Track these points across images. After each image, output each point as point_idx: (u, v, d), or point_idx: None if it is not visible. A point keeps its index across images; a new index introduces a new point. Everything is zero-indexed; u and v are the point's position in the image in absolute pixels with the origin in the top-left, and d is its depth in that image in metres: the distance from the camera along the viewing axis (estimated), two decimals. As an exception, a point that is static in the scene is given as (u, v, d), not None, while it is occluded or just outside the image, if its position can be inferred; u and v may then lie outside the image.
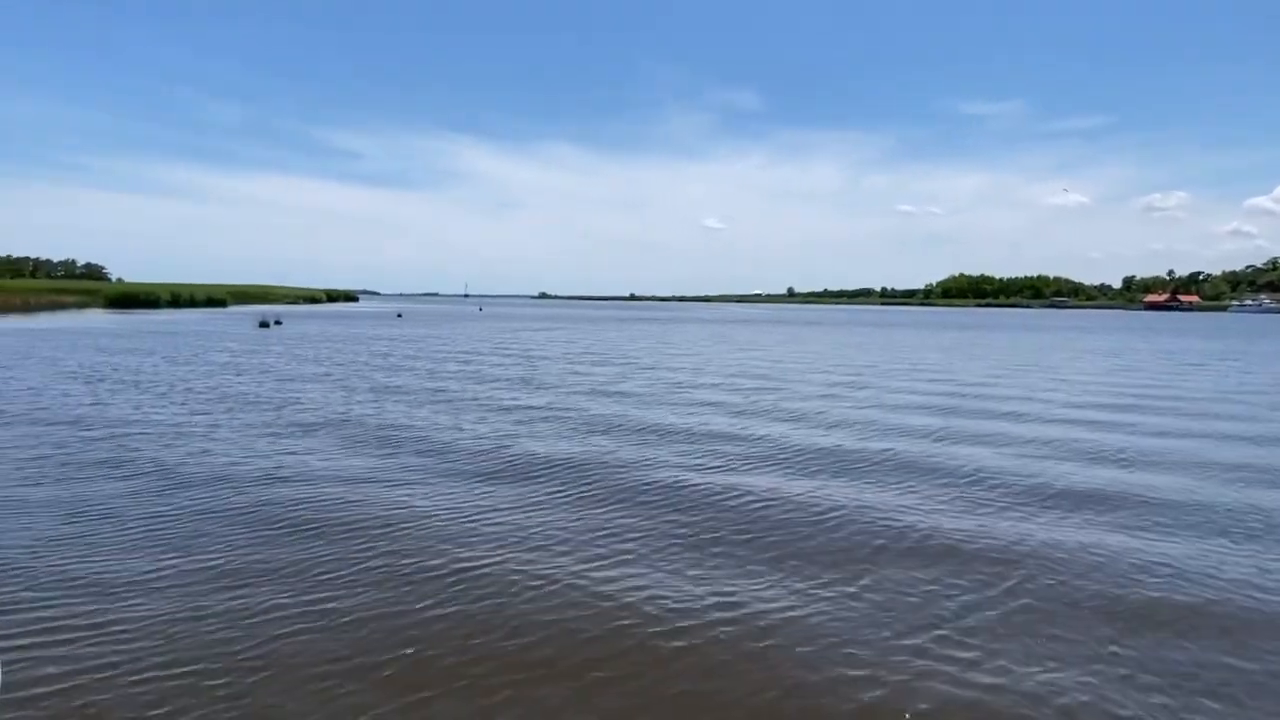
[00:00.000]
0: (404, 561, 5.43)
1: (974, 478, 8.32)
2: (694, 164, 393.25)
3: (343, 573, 5.21)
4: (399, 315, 63.24)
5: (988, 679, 3.89)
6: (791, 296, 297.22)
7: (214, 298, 68.72)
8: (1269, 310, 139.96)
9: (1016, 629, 4.51)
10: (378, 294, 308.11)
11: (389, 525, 6.26)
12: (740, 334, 42.33)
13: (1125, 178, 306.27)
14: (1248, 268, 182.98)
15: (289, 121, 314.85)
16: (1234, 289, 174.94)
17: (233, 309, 64.72)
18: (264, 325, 39.24)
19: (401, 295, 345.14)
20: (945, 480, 8.19)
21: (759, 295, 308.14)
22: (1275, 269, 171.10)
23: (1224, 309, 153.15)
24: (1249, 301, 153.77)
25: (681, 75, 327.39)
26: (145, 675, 3.78)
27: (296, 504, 6.80)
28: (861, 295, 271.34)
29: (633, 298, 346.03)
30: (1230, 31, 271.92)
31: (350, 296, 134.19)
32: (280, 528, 6.16)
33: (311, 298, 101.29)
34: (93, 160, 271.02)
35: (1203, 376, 21.00)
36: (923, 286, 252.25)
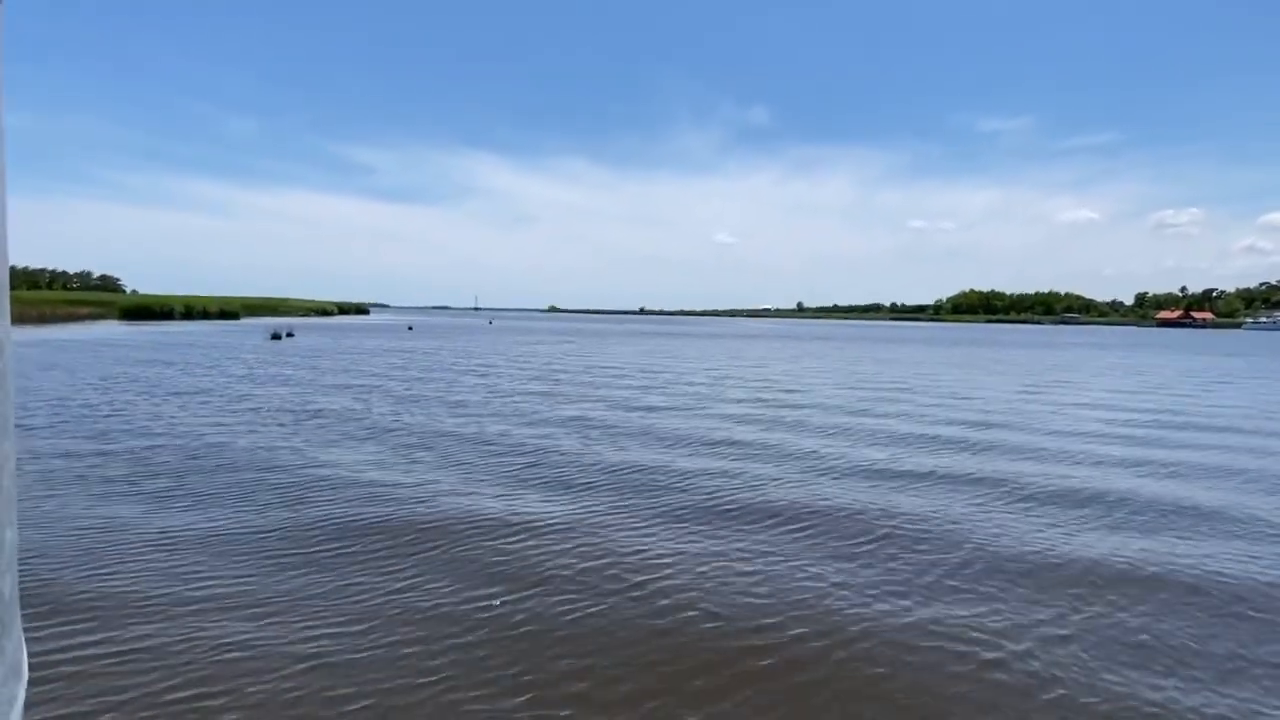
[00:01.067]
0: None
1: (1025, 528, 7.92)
2: (706, 179, 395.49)
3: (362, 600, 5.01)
4: (410, 328, 63.41)
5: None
6: (801, 311, 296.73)
7: (226, 310, 69.08)
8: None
9: None
10: (388, 306, 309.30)
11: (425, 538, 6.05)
12: (753, 350, 42.06)
13: (1138, 194, 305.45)
14: (1262, 285, 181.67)
15: (306, 136, 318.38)
16: (1248, 306, 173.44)
17: (245, 321, 65.08)
18: (276, 337, 39.37)
19: (411, 308, 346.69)
20: (985, 536, 7.80)
21: (768, 310, 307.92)
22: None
23: (1238, 326, 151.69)
24: (1264, 319, 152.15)
25: (696, 92, 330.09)
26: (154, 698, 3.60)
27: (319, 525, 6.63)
28: (871, 310, 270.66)
29: (642, 311, 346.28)
30: (1243, 49, 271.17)
31: (361, 309, 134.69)
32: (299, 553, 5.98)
33: (322, 310, 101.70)
34: (109, 173, 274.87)
35: (1237, 395, 20.60)
36: (933, 302, 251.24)
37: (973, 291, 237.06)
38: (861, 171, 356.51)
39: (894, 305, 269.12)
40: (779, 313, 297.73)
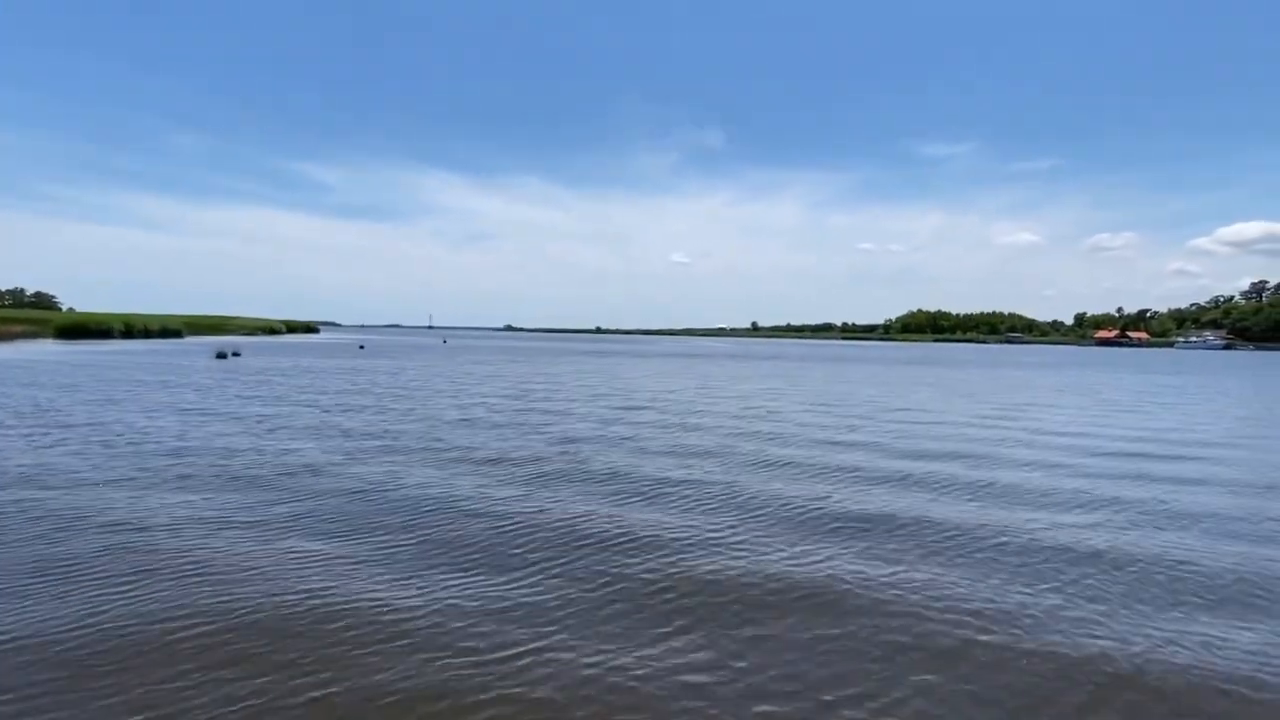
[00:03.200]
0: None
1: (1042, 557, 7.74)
2: (663, 200, 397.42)
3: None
4: (361, 347, 61.79)
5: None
6: (755, 330, 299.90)
7: (168, 328, 66.32)
8: (1213, 347, 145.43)
9: None
10: (339, 325, 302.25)
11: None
12: (719, 369, 41.96)
13: (1076, 219, 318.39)
14: (1192, 305, 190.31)
15: (256, 151, 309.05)
16: (1179, 326, 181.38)
17: (188, 340, 62.54)
18: (221, 357, 38.01)
19: (363, 326, 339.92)
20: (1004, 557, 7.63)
21: (723, 329, 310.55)
22: (1217, 307, 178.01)
23: (1170, 345, 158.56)
24: (1193, 338, 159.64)
25: (651, 114, 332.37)
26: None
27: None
28: (823, 330, 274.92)
29: (599, 330, 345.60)
30: (1169, 82, 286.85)
31: (310, 328, 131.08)
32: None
33: (270, 328, 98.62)
34: (46, 186, 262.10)
35: (1206, 415, 21.13)
36: (883, 322, 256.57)
37: (921, 311, 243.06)
38: (812, 194, 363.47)
39: (845, 325, 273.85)
40: (734, 332, 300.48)
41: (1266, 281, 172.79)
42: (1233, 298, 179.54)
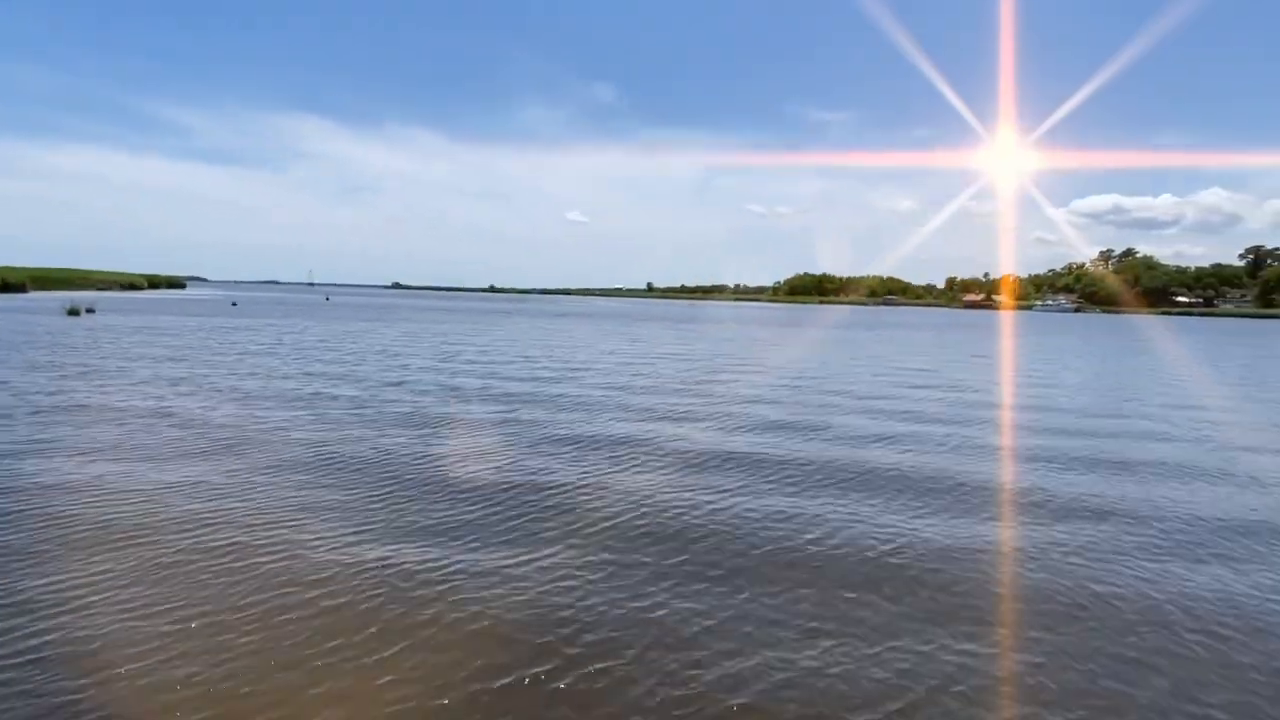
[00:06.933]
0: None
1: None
2: (556, 156, 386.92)
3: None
4: (234, 304, 57.20)
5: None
6: (650, 291, 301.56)
7: (10, 282, 58.43)
8: (1066, 310, 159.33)
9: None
10: (206, 280, 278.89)
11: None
12: (633, 330, 41.51)
13: (947, 187, 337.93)
14: (1049, 271, 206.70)
15: (109, 90, 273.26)
16: (1037, 290, 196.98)
17: (34, 295, 55.41)
18: (74, 314, 33.78)
19: (235, 283, 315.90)
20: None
21: (619, 290, 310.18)
22: (1070, 273, 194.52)
23: (1030, 308, 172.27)
24: (1049, 302, 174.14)
25: (542, 69, 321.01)
26: None
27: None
28: (715, 291, 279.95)
29: (492, 289, 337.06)
30: (1033, 59, 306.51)
31: (176, 283, 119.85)
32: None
33: (130, 284, 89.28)
34: None
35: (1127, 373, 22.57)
36: (771, 284, 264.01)
37: (807, 275, 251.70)
38: (703, 155, 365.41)
39: (737, 286, 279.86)
40: (630, 292, 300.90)
41: (1113, 250, 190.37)
42: (1084, 265, 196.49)
